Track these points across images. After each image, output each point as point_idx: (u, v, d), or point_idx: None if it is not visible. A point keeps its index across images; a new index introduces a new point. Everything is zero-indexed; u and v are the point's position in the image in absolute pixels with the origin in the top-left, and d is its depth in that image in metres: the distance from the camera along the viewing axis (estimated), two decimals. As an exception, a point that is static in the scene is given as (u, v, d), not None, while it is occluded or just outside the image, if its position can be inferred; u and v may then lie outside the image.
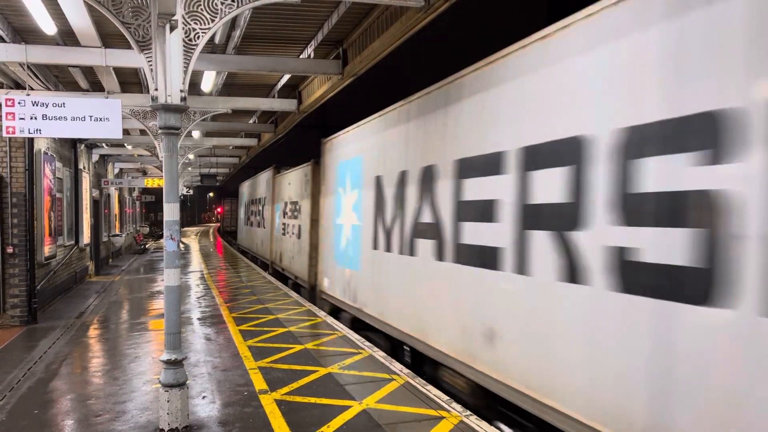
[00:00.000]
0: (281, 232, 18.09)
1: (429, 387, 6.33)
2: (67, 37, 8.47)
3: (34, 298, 10.53)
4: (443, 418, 5.39)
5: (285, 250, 17.39)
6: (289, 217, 16.87)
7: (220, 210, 72.88)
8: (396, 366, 7.17)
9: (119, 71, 10.51)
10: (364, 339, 8.69)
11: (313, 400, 5.93)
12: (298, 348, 8.15)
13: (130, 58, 8.46)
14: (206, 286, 15.34)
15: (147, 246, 31.27)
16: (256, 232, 24.20)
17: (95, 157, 18.93)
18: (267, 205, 21.30)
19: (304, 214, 14.59)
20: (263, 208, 22.21)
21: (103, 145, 18.37)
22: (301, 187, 15.20)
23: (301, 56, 10.32)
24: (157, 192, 35.12)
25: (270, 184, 20.56)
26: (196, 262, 22.76)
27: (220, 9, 5.10)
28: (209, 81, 10.95)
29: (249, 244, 27.10)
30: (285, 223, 17.43)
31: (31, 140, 10.34)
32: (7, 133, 7.37)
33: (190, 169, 28.05)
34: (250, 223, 26.52)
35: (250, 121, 17.34)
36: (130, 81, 11.87)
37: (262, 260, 22.23)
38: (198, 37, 5.07)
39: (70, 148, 14.74)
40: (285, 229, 17.41)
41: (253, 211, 25.24)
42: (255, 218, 24.67)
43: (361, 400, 5.92)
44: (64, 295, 13.65)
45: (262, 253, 22.16)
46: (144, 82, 11.55)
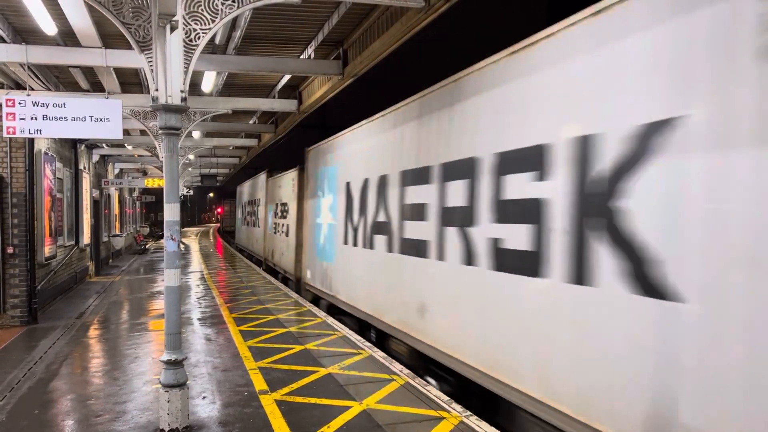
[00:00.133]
0: (273, 231, 19.15)
1: (429, 387, 6.34)
2: (68, 37, 8.48)
3: (35, 299, 10.53)
4: (443, 419, 5.40)
5: (276, 248, 18.49)
6: (279, 218, 17.98)
7: (220, 210, 72.97)
8: (396, 366, 7.18)
9: (120, 72, 10.51)
10: (364, 339, 8.71)
11: (314, 401, 5.93)
12: (299, 348, 8.16)
13: (130, 59, 8.46)
14: (206, 286, 15.34)
15: (147, 246, 31.27)
16: (252, 231, 25.30)
17: (95, 158, 18.93)
18: (261, 206, 22.33)
19: (292, 215, 15.67)
20: (258, 209, 23.31)
21: (104, 145, 18.37)
22: (290, 190, 16.23)
23: (302, 57, 10.33)
24: (157, 192, 35.15)
25: (264, 187, 21.53)
26: (197, 262, 22.77)
27: (221, 9, 5.10)
28: (209, 81, 10.95)
29: (245, 243, 28.34)
30: (276, 223, 18.53)
31: (31, 140, 10.34)
32: (8, 133, 7.37)
33: (191, 169, 28.08)
34: (247, 223, 27.66)
35: (251, 122, 17.35)
36: (131, 81, 11.87)
37: (257, 257, 23.23)
38: (198, 38, 5.08)
39: (71, 149, 14.74)
40: (276, 228, 18.51)
41: (249, 211, 26.55)
42: (251, 218, 25.86)
43: (362, 400, 5.93)
44: (65, 296, 13.65)
45: (257, 250, 23.20)
46: (144, 82, 11.55)
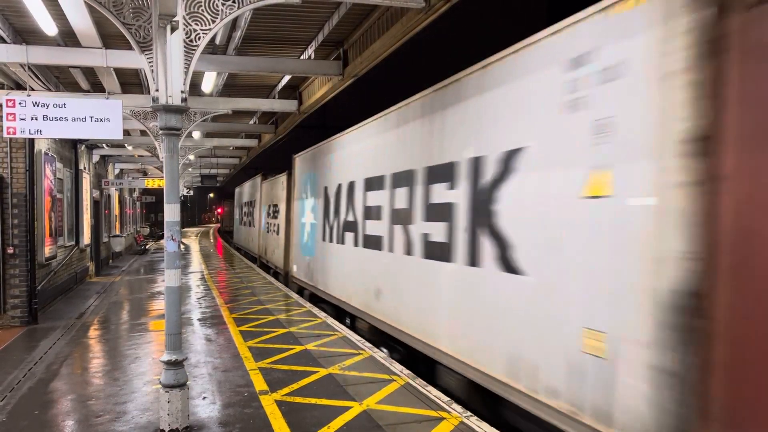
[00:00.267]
0: (266, 230, 20.59)
1: (429, 388, 6.34)
2: (68, 37, 8.48)
3: (35, 299, 10.53)
4: (443, 419, 5.39)
5: (269, 245, 19.99)
6: (271, 218, 19.41)
7: (220, 211, 73.02)
8: (396, 367, 7.18)
9: (120, 72, 10.51)
10: (364, 340, 8.71)
11: (314, 401, 5.93)
12: (299, 349, 8.16)
13: (130, 59, 8.46)
14: (207, 286, 15.34)
15: (147, 247, 31.27)
16: (249, 230, 26.76)
17: (96, 158, 18.93)
18: (257, 207, 23.74)
19: (282, 215, 17.07)
20: (254, 210, 24.70)
21: (104, 145, 18.37)
22: (280, 193, 17.56)
23: (302, 57, 10.33)
24: (157, 193, 35.16)
25: (259, 189, 22.90)
26: (197, 262, 22.77)
27: (221, 10, 5.10)
28: (210, 82, 10.95)
29: (243, 243, 30.01)
30: (269, 222, 19.92)
31: (31, 141, 10.35)
32: (8, 133, 7.37)
33: (191, 169, 28.09)
34: (244, 223, 29.22)
35: (251, 122, 17.34)
36: (131, 82, 11.87)
37: (252, 255, 24.74)
38: (199, 38, 5.08)
39: (71, 149, 14.74)
40: (269, 227, 19.90)
41: (246, 212, 28.11)
42: (247, 218, 27.42)
43: (362, 400, 5.93)
44: (65, 296, 13.65)
45: (253, 248, 24.75)
46: (145, 82, 11.56)
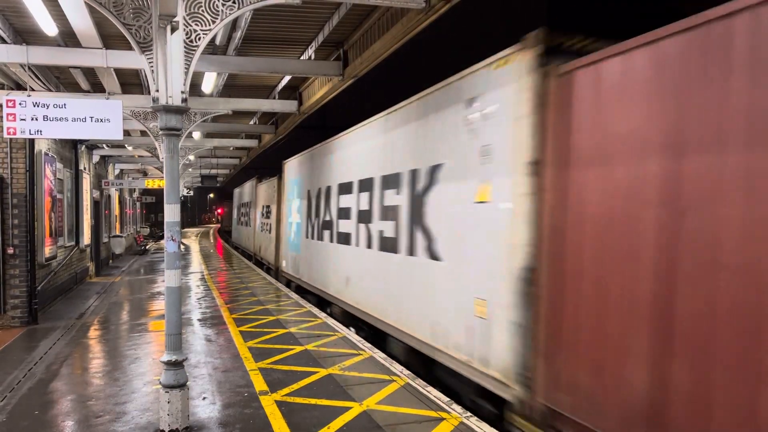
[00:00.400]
0: (260, 230, 21.99)
1: (429, 388, 6.34)
2: (68, 38, 8.48)
3: (35, 299, 10.53)
4: (443, 420, 5.39)
5: (263, 243, 21.41)
6: (264, 218, 20.85)
7: (220, 211, 73.01)
8: (396, 367, 7.18)
9: (120, 72, 10.51)
10: (364, 340, 8.72)
11: (314, 401, 5.94)
12: (299, 349, 8.16)
13: (131, 59, 8.46)
14: (207, 287, 15.34)
15: (147, 247, 31.26)
16: (246, 230, 28.22)
17: (96, 158, 18.92)
18: (252, 208, 25.30)
19: (273, 215, 18.58)
20: (250, 210, 26.10)
21: (104, 146, 18.37)
22: (272, 195, 19.01)
23: (302, 58, 10.33)
24: (157, 193, 35.17)
25: (254, 191, 24.14)
26: (197, 263, 22.78)
27: (221, 10, 5.10)
28: (210, 82, 10.95)
29: (239, 241, 31.80)
30: (263, 222, 21.36)
31: (31, 141, 10.35)
32: (8, 133, 7.37)
33: (191, 170, 28.09)
34: (241, 223, 30.73)
35: (251, 123, 17.35)
36: (131, 82, 11.87)
37: (248, 253, 26.16)
38: (199, 39, 5.08)
39: (71, 149, 14.74)
40: (263, 227, 21.29)
41: (243, 212, 29.64)
42: (244, 219, 28.89)
43: (362, 401, 5.93)
44: (65, 296, 13.65)
45: (249, 246, 26.19)
46: (145, 83, 11.56)
